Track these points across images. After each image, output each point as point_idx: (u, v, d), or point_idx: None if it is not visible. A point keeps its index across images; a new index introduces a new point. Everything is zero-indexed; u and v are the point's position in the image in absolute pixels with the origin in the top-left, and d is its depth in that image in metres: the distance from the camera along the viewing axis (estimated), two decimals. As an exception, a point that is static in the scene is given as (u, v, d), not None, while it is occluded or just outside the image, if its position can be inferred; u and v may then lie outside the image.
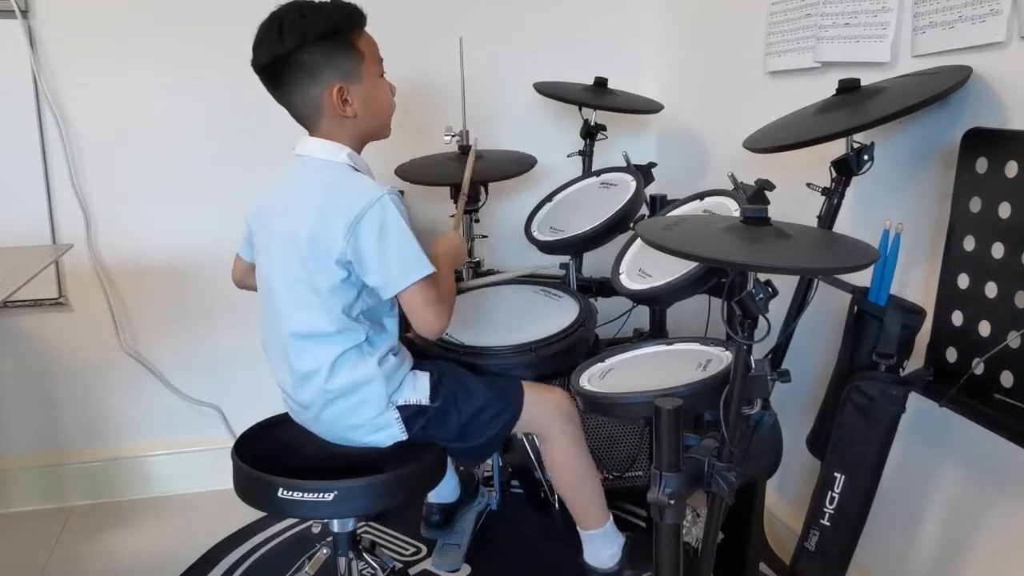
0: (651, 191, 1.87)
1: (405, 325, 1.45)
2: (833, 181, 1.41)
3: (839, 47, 1.56)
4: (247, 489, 1.40)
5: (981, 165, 1.20)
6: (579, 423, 1.58)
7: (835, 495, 1.32)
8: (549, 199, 1.98)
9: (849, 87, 1.37)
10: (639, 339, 1.90)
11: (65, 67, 2.07)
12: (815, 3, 1.63)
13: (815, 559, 1.37)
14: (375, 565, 1.54)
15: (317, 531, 1.77)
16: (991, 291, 1.17)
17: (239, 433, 1.51)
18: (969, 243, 1.21)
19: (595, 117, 2.14)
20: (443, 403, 1.45)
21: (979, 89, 1.25)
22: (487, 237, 2.15)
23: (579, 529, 1.64)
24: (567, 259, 1.92)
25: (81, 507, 2.23)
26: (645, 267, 1.50)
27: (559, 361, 1.60)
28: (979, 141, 1.21)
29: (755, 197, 1.44)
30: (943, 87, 1.21)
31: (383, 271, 1.35)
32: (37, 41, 2.04)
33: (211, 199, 2.17)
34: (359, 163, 1.44)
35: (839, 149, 1.38)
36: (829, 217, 1.42)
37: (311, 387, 1.40)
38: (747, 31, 1.91)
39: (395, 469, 1.38)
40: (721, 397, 1.17)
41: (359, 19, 1.42)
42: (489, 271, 2.16)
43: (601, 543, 1.62)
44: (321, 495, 1.32)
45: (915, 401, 1.29)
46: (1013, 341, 1.13)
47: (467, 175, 1.87)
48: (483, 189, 2.05)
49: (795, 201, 1.49)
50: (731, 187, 1.53)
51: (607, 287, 1.80)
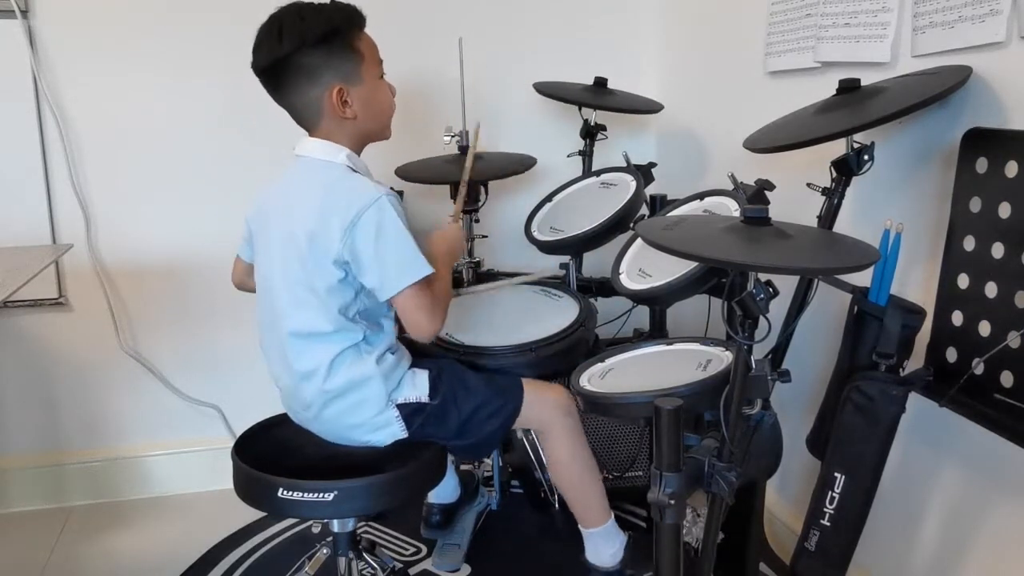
0: (651, 191, 1.87)
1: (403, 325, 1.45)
2: (833, 181, 1.41)
3: (839, 47, 1.56)
4: (247, 489, 1.40)
5: (981, 165, 1.20)
6: (579, 420, 1.58)
7: (835, 495, 1.32)
8: (549, 199, 1.98)
9: (849, 87, 1.37)
10: (639, 339, 1.90)
11: (65, 67, 2.07)
12: (815, 3, 1.63)
13: (815, 559, 1.37)
14: (375, 565, 1.54)
15: (317, 531, 1.77)
16: (991, 291, 1.17)
17: (239, 433, 1.52)
18: (969, 243, 1.21)
19: (595, 117, 2.14)
20: (442, 400, 1.45)
21: (979, 89, 1.25)
22: (487, 237, 2.15)
23: (580, 527, 1.64)
24: (567, 259, 1.92)
25: (81, 507, 2.22)
26: (645, 267, 1.50)
27: (559, 361, 1.60)
28: (979, 141, 1.21)
29: (755, 197, 1.44)
30: (943, 87, 1.21)
31: (379, 272, 1.35)
32: (37, 41, 2.04)
33: (211, 199, 2.17)
34: (358, 164, 1.44)
35: (839, 149, 1.38)
36: (829, 217, 1.42)
37: (310, 387, 1.40)
38: (747, 31, 1.91)
39: (395, 469, 1.38)
40: (721, 397, 1.17)
41: (359, 20, 1.42)
42: (489, 271, 2.16)
43: (602, 541, 1.62)
44: (321, 495, 1.32)
45: (915, 401, 1.29)
46: (1013, 341, 1.13)
47: (469, 161, 1.82)
48: (483, 189, 2.05)
49: (795, 201, 1.49)
50: (731, 187, 1.53)
51: (607, 287, 1.80)
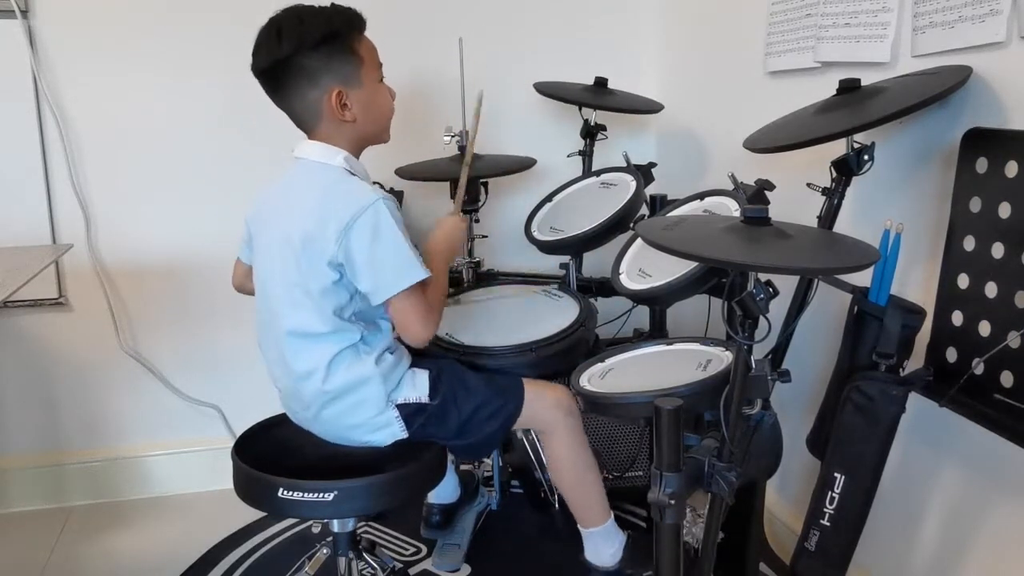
0: (651, 191, 1.87)
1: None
2: (833, 181, 1.41)
3: (839, 47, 1.56)
4: (247, 489, 1.40)
5: (981, 165, 1.20)
6: (580, 419, 1.58)
7: (835, 495, 1.32)
8: (549, 199, 1.98)
9: (849, 87, 1.37)
10: (639, 339, 1.90)
11: (65, 67, 2.07)
12: (815, 3, 1.63)
13: (815, 559, 1.37)
14: (375, 565, 1.54)
15: (317, 531, 1.78)
16: (991, 291, 1.17)
17: (239, 433, 1.52)
18: (969, 243, 1.21)
19: (595, 117, 2.14)
20: (442, 400, 1.45)
21: (979, 89, 1.25)
22: (487, 237, 2.15)
23: (580, 527, 1.64)
24: (567, 259, 1.92)
25: (81, 507, 2.22)
26: (645, 267, 1.50)
27: (559, 361, 1.60)
28: (979, 141, 1.21)
29: (755, 197, 1.44)
30: (943, 87, 1.21)
31: (374, 276, 1.35)
32: (37, 41, 2.04)
33: (211, 199, 2.17)
34: (356, 167, 1.44)
35: (839, 149, 1.38)
36: (829, 217, 1.42)
37: (309, 387, 1.40)
38: (747, 31, 1.91)
39: (395, 469, 1.38)
40: (721, 397, 1.17)
41: (359, 24, 1.42)
42: (489, 271, 2.16)
43: (602, 541, 1.62)
44: (321, 495, 1.32)
45: (915, 401, 1.29)
46: (1013, 341, 1.13)
47: (472, 133, 1.76)
48: (483, 189, 2.05)
49: (795, 201, 1.49)
50: (731, 187, 1.53)
51: (607, 287, 1.80)
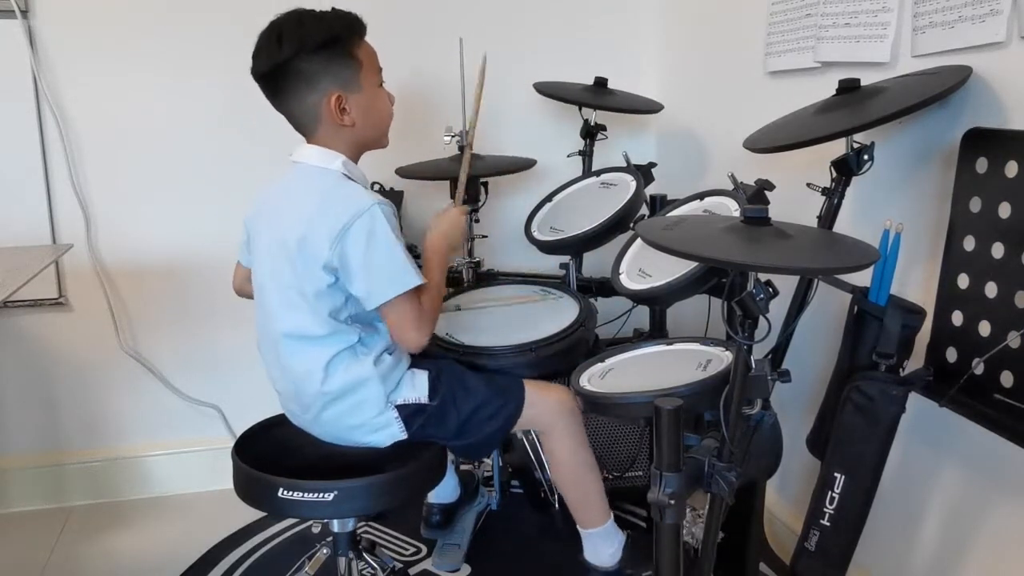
0: (651, 191, 1.87)
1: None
2: (833, 181, 1.41)
3: (839, 47, 1.56)
4: (247, 489, 1.40)
5: (981, 165, 1.19)
6: (581, 420, 1.58)
7: (835, 495, 1.32)
8: (549, 199, 1.98)
9: (849, 87, 1.37)
10: (639, 339, 1.90)
11: (65, 67, 2.07)
12: (815, 3, 1.63)
13: (815, 559, 1.37)
14: (375, 565, 1.54)
15: (317, 531, 1.78)
16: (991, 291, 1.17)
17: (239, 433, 1.52)
18: (969, 243, 1.21)
19: (595, 117, 2.14)
20: (441, 401, 1.45)
21: (979, 89, 1.25)
22: (487, 237, 2.15)
23: (579, 528, 1.64)
24: (567, 259, 1.92)
25: (81, 507, 2.22)
26: (645, 267, 1.50)
27: (559, 361, 1.60)
28: (979, 141, 1.21)
29: (755, 197, 1.44)
30: (943, 87, 1.21)
31: (367, 281, 1.35)
32: (37, 41, 2.04)
33: (211, 199, 2.17)
34: (354, 172, 1.44)
35: (839, 149, 1.38)
36: (829, 217, 1.42)
37: (308, 390, 1.41)
38: (747, 31, 1.91)
39: (395, 469, 1.38)
40: (721, 397, 1.17)
41: (359, 28, 1.42)
42: (489, 271, 2.16)
43: (602, 541, 1.62)
44: (321, 495, 1.32)
45: (915, 401, 1.29)
46: (1013, 341, 1.13)
47: (478, 95, 1.74)
48: (483, 189, 2.05)
49: (795, 201, 1.49)
50: (731, 187, 1.53)
51: (607, 287, 1.80)
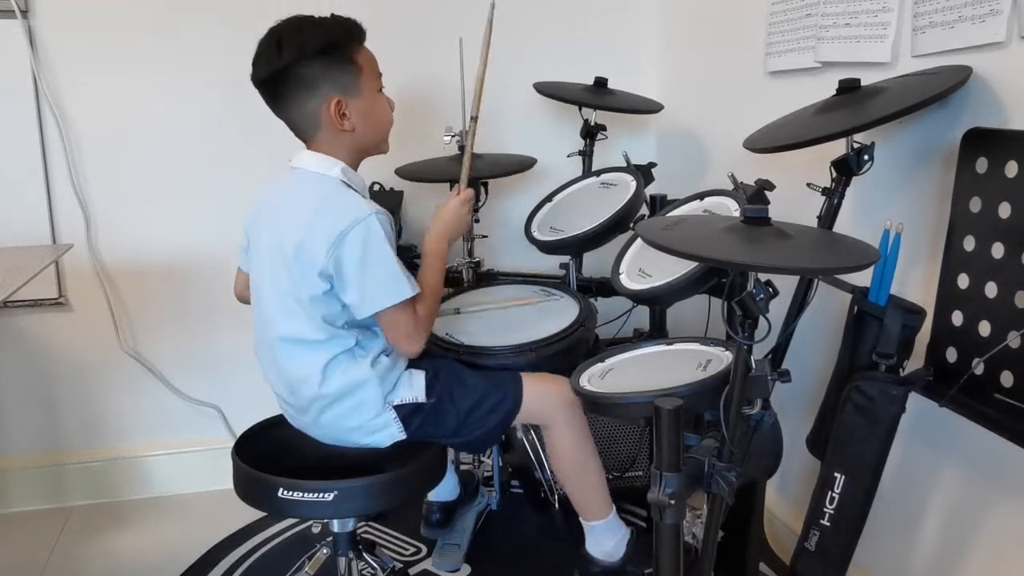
0: (651, 191, 1.87)
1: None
2: (833, 181, 1.41)
3: (839, 47, 1.56)
4: (247, 489, 1.40)
5: (981, 165, 1.19)
6: (582, 412, 1.57)
7: (835, 495, 1.32)
8: (549, 199, 1.98)
9: (849, 87, 1.37)
10: (639, 339, 1.90)
11: (65, 67, 2.07)
12: (815, 3, 1.63)
13: (815, 559, 1.37)
14: (375, 565, 1.54)
15: (317, 531, 1.77)
16: (991, 291, 1.17)
17: (239, 433, 1.52)
18: (969, 243, 1.21)
19: (595, 117, 2.14)
20: (439, 399, 1.45)
21: (979, 89, 1.25)
22: (487, 237, 2.15)
23: (581, 520, 1.63)
24: (567, 259, 1.92)
25: (81, 507, 2.23)
26: (645, 267, 1.50)
27: (559, 361, 1.60)
28: (979, 141, 1.21)
29: (755, 197, 1.44)
30: (943, 87, 1.21)
31: (360, 290, 1.35)
32: (37, 41, 2.04)
33: (211, 199, 2.17)
34: (353, 179, 1.44)
35: (839, 149, 1.38)
36: (829, 217, 1.42)
37: (305, 393, 1.41)
38: (747, 31, 1.91)
39: (395, 469, 1.38)
40: (721, 397, 1.17)
41: (358, 34, 1.42)
42: (489, 271, 2.16)
43: (603, 534, 1.62)
44: (321, 495, 1.32)
45: (915, 401, 1.29)
46: (1013, 341, 1.13)
47: (486, 42, 1.66)
48: (483, 189, 2.05)
49: (795, 201, 1.49)
50: (731, 187, 1.53)
51: (607, 287, 1.80)
